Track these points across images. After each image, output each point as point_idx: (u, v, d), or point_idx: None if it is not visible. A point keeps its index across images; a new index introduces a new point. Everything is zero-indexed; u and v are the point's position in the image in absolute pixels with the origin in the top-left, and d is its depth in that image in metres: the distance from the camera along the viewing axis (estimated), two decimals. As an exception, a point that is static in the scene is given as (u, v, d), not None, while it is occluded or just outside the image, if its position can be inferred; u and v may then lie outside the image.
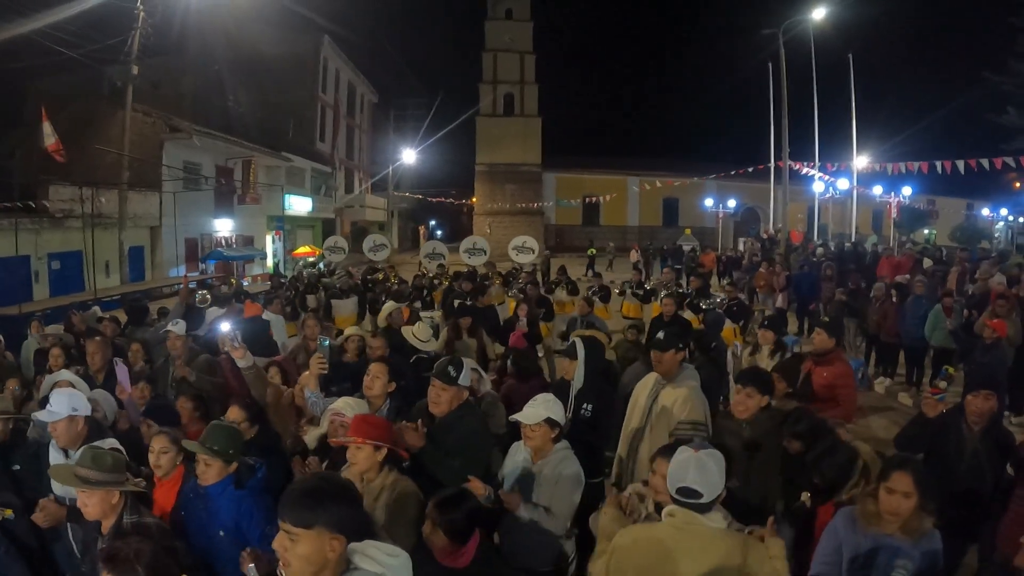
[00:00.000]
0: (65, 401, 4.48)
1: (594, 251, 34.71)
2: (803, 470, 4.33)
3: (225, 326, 5.34)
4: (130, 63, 20.13)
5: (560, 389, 5.45)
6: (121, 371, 5.86)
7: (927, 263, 19.40)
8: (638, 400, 5.37)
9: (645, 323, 11.14)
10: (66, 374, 6.08)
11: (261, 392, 5.40)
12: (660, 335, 5.25)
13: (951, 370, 5.81)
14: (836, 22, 29.65)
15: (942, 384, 5.39)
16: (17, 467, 4.60)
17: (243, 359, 5.22)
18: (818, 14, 27.95)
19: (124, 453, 3.99)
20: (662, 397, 5.10)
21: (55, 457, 4.53)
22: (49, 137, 18.04)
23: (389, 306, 9.85)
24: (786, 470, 4.56)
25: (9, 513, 4.11)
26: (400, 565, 2.30)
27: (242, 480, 3.93)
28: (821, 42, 31.42)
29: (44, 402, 5.53)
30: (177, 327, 6.93)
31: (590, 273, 20.54)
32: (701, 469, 3.07)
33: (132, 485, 3.65)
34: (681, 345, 5.32)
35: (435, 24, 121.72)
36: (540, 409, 4.19)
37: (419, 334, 7.28)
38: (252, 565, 2.32)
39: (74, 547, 4.04)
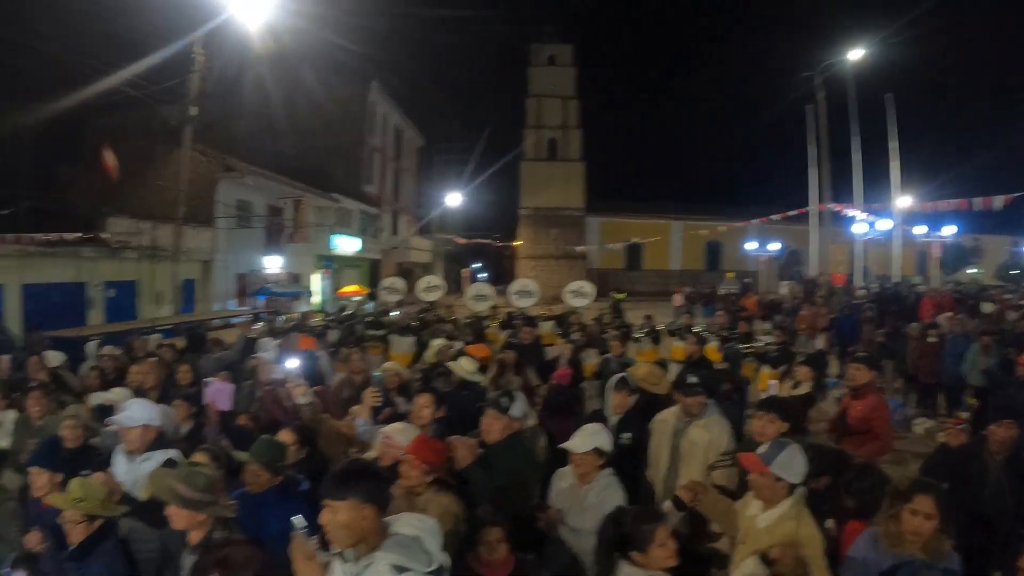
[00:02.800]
0: (143, 411, 4.86)
1: (619, 296, 34.86)
2: (827, 499, 4.45)
3: (292, 363, 5.65)
4: (187, 104, 20.87)
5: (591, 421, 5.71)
6: (223, 390, 6.17)
7: (968, 302, 19.18)
8: (659, 434, 5.65)
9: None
10: (104, 395, 6.53)
11: (316, 426, 5.67)
12: (691, 378, 5.58)
13: (972, 401, 5.91)
14: (874, 62, 29.63)
15: (964, 414, 5.48)
16: (87, 472, 4.84)
17: (304, 396, 5.55)
18: (855, 55, 27.94)
19: (183, 463, 4.19)
20: (692, 432, 5.39)
21: (120, 462, 4.83)
22: (110, 159, 18.75)
23: (439, 343, 10.48)
24: (810, 500, 4.63)
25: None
26: (431, 528, 2.76)
27: (287, 488, 4.35)
28: (860, 82, 31.51)
29: (99, 412, 5.90)
30: (267, 354, 7.48)
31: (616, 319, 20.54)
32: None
33: (223, 509, 3.70)
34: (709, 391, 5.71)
35: (480, 70, 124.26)
36: (588, 439, 4.43)
37: (466, 367, 7.75)
38: (295, 519, 2.68)
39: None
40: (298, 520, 2.71)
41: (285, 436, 4.98)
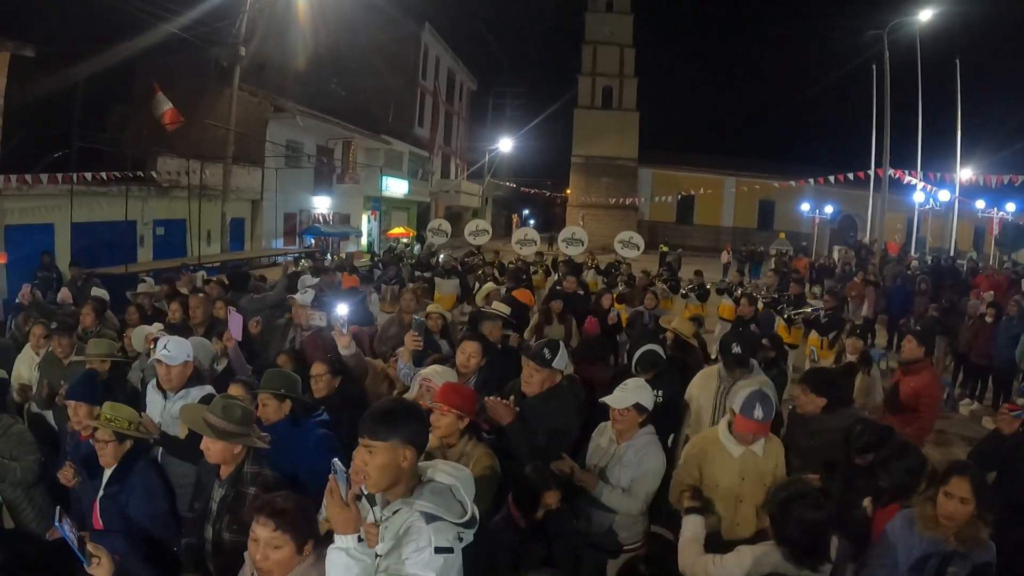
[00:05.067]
0: (183, 348, 4.86)
1: (666, 248, 34.55)
2: (866, 476, 4.31)
3: (342, 309, 5.61)
4: (238, 45, 21.01)
5: (624, 374, 5.66)
6: (235, 320, 6.13)
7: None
8: (703, 392, 5.54)
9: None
10: (148, 328, 6.61)
11: (361, 374, 5.72)
12: (736, 348, 5.39)
13: None
14: (944, 24, 27.98)
15: (1020, 401, 5.24)
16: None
17: (347, 348, 5.47)
18: (925, 15, 26.67)
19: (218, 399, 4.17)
20: (737, 392, 5.21)
21: (152, 397, 4.91)
22: (164, 106, 19.07)
23: (488, 287, 10.51)
24: (849, 476, 4.54)
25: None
26: (467, 477, 2.68)
27: (297, 418, 4.41)
28: (928, 45, 30.06)
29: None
30: (303, 297, 7.43)
31: (662, 270, 20.35)
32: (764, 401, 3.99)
33: (257, 440, 3.77)
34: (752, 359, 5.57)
35: (536, 14, 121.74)
36: (630, 394, 4.33)
37: (500, 309, 7.69)
38: (336, 461, 2.49)
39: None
40: (337, 464, 2.46)
41: (317, 368, 5.10)
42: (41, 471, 4.86)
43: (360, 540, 2.42)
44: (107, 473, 4.06)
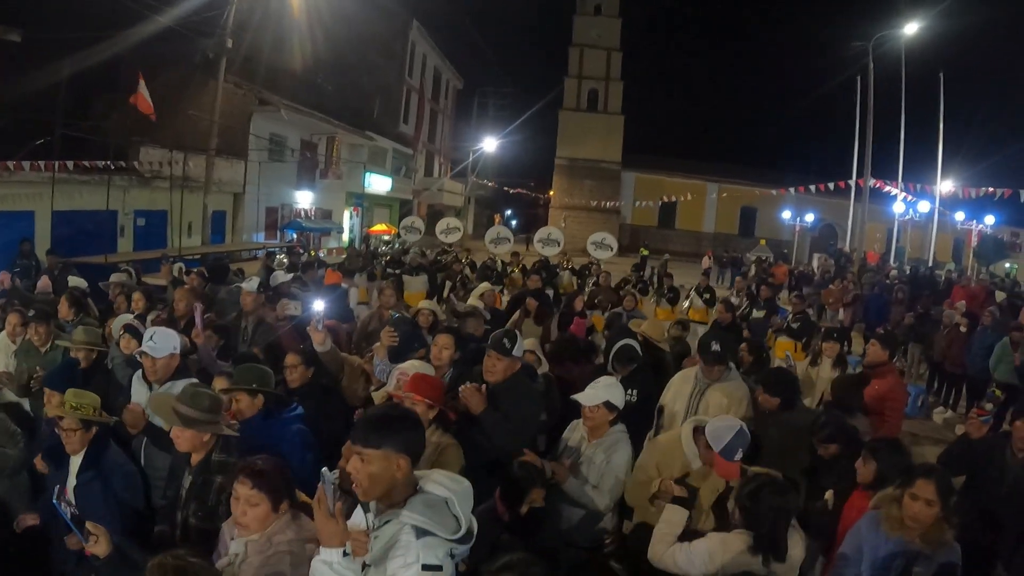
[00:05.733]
0: (168, 339, 4.84)
1: (646, 252, 34.74)
2: (828, 471, 4.47)
3: (318, 305, 5.63)
4: (224, 36, 20.94)
5: (599, 372, 5.78)
6: (199, 316, 6.17)
7: (1000, 296, 18.86)
8: (678, 395, 5.54)
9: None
10: (128, 318, 6.61)
11: (337, 369, 5.75)
12: (715, 346, 5.36)
13: (998, 392, 5.75)
14: (928, 37, 28.49)
15: (988, 406, 5.33)
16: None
17: (322, 345, 5.46)
18: (910, 29, 27.01)
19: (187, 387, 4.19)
20: (710, 395, 5.28)
21: (138, 389, 4.91)
22: (143, 96, 18.90)
23: (484, 286, 10.70)
24: (811, 470, 4.65)
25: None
26: (464, 491, 2.54)
27: (271, 412, 4.40)
28: (912, 58, 30.52)
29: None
30: (249, 284, 7.49)
31: (646, 273, 20.45)
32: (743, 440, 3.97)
33: (226, 428, 3.83)
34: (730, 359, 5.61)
35: (523, 16, 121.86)
36: (600, 392, 4.42)
37: (476, 303, 8.12)
38: (326, 470, 2.46)
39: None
40: (326, 474, 2.42)
41: (290, 359, 5.10)
42: (26, 460, 4.86)
43: (345, 554, 2.41)
44: (75, 460, 4.08)
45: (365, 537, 2.44)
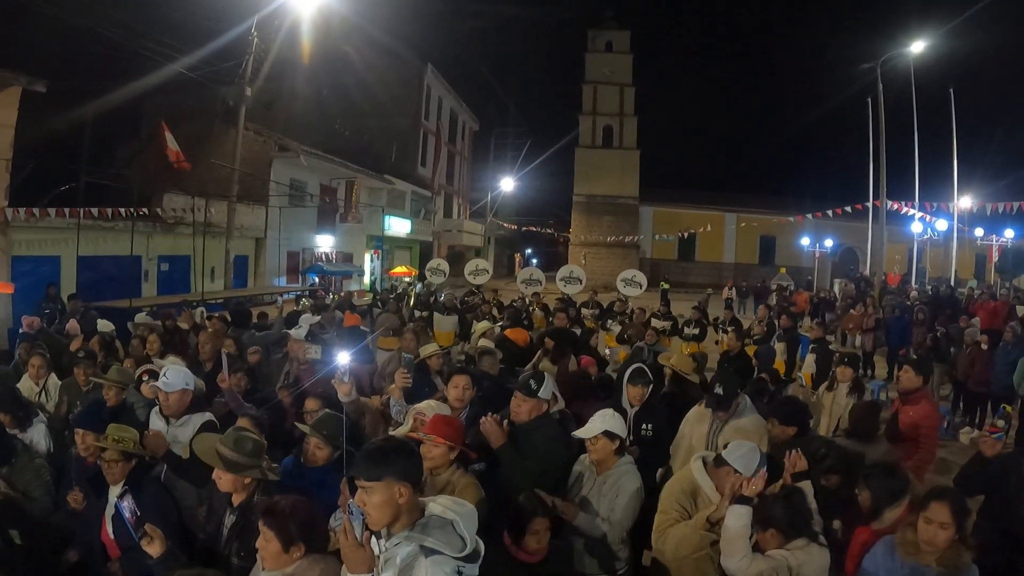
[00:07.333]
0: (181, 376, 5.12)
1: (667, 285, 34.64)
2: (836, 499, 4.39)
3: (343, 358, 5.68)
4: (243, 85, 21.42)
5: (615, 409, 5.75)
6: (226, 360, 6.33)
7: (1022, 310, 18.57)
8: (695, 434, 5.52)
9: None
10: (159, 362, 6.83)
11: (360, 416, 5.71)
12: (718, 390, 5.37)
13: (1009, 408, 5.62)
14: (937, 55, 28.49)
15: (1000, 423, 5.20)
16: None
17: (347, 396, 5.33)
18: (917, 47, 27.02)
19: (219, 426, 4.54)
20: (727, 432, 5.25)
21: (155, 423, 5.10)
22: (171, 145, 19.41)
23: (483, 325, 10.72)
24: (818, 498, 4.61)
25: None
26: (468, 513, 2.68)
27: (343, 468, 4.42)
28: (921, 76, 30.53)
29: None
30: (298, 332, 7.81)
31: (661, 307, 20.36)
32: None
33: (268, 472, 3.92)
34: (738, 392, 5.58)
35: (536, 55, 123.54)
36: (597, 422, 4.45)
37: (487, 343, 8.02)
38: (352, 502, 2.64)
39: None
40: (353, 505, 2.60)
41: (311, 404, 5.28)
42: (53, 505, 5.04)
43: None
44: (115, 490, 4.28)
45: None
